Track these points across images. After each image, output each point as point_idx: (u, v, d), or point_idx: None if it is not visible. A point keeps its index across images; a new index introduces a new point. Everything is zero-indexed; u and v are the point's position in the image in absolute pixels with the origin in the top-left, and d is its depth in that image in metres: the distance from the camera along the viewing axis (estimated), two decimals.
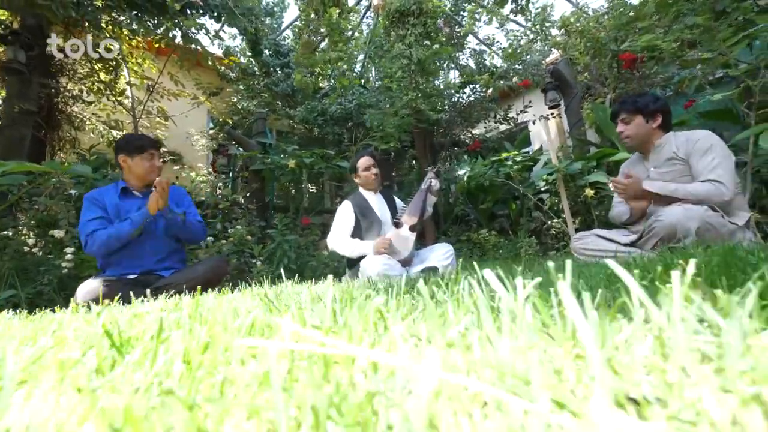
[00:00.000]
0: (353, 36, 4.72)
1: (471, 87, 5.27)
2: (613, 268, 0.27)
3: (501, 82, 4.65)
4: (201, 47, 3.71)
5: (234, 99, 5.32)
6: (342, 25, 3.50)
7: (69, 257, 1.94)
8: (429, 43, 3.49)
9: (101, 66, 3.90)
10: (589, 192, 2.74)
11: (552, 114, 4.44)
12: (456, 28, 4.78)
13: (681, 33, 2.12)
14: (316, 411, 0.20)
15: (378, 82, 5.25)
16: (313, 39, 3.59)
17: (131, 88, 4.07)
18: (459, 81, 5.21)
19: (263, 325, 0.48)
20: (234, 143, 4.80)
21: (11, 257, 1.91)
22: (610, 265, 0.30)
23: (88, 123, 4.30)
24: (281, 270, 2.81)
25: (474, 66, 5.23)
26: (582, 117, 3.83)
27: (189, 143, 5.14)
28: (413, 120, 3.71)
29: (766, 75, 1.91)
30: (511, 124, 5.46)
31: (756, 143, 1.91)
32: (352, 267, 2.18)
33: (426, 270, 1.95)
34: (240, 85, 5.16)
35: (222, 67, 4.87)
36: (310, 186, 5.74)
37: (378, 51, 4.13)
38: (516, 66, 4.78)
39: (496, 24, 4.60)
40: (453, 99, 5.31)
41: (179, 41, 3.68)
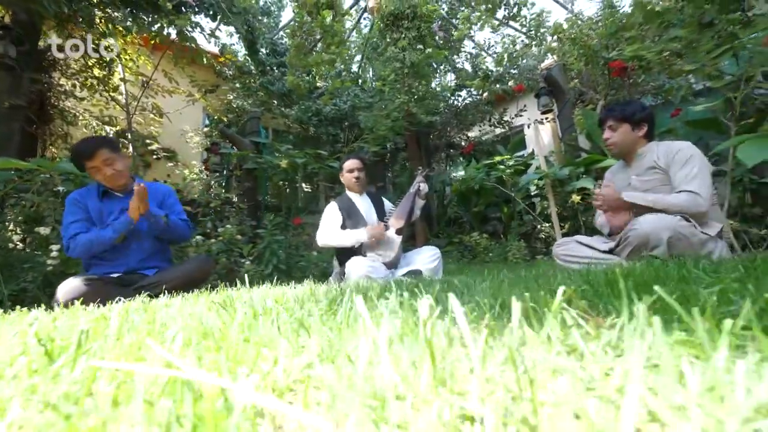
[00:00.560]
0: (349, 37, 4.72)
1: (467, 90, 5.30)
2: (451, 300, 0.30)
3: (497, 85, 4.68)
4: (196, 45, 3.70)
5: (230, 97, 5.31)
6: (336, 28, 3.51)
7: (54, 254, 1.94)
8: (422, 47, 3.51)
9: (95, 61, 3.89)
10: (576, 198, 2.77)
11: (546, 119, 4.47)
12: (452, 31, 4.80)
13: (666, 44, 2.15)
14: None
15: (375, 83, 5.26)
16: (306, 41, 3.60)
17: (125, 84, 4.05)
18: (455, 84, 5.24)
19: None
20: (227, 141, 4.81)
21: None
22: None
23: (80, 118, 4.28)
24: (270, 269, 2.83)
25: (470, 69, 5.26)
26: (573, 123, 3.86)
27: (184, 140, 5.13)
28: (405, 123, 3.73)
29: (747, 87, 1.95)
30: (507, 127, 5.50)
31: (735, 155, 1.94)
32: (339, 267, 2.20)
33: (410, 273, 1.97)
34: (236, 83, 5.16)
35: (218, 65, 4.87)
36: (304, 186, 5.75)
37: (373, 53, 4.15)
38: (512, 70, 4.81)
39: (491, 29, 4.62)
40: (449, 101, 5.33)
41: (174, 38, 3.66)
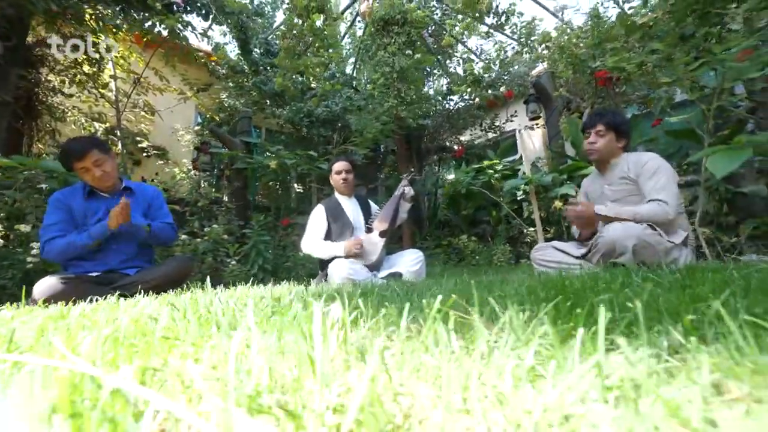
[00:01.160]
0: (343, 40, 4.74)
1: (459, 94, 5.35)
2: (314, 306, 0.33)
3: (489, 91, 4.74)
4: (187, 43, 3.70)
5: (223, 96, 5.30)
6: (327, 32, 3.54)
7: (35, 252, 1.93)
8: (411, 53, 3.55)
9: (84, 58, 3.87)
10: (558, 204, 2.83)
11: (536, 125, 4.55)
12: (444, 36, 4.85)
13: (646, 56, 2.22)
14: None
15: (368, 85, 5.30)
16: (297, 44, 3.62)
17: (116, 81, 4.03)
18: (447, 88, 5.29)
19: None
20: (218, 140, 4.80)
21: None
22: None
23: (69, 115, 4.25)
24: (255, 270, 2.84)
25: (462, 74, 5.32)
26: (560, 130, 3.93)
27: (175, 138, 5.11)
28: (395, 126, 3.77)
29: (720, 100, 2.01)
30: (497, 132, 5.57)
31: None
32: (322, 269, 2.22)
33: (390, 276, 2.00)
34: (229, 83, 5.15)
35: (211, 64, 4.86)
36: (297, 186, 5.75)
37: (365, 56, 4.18)
38: (503, 76, 4.88)
39: (480, 35, 4.68)
40: (441, 105, 5.38)
41: (166, 36, 3.66)
